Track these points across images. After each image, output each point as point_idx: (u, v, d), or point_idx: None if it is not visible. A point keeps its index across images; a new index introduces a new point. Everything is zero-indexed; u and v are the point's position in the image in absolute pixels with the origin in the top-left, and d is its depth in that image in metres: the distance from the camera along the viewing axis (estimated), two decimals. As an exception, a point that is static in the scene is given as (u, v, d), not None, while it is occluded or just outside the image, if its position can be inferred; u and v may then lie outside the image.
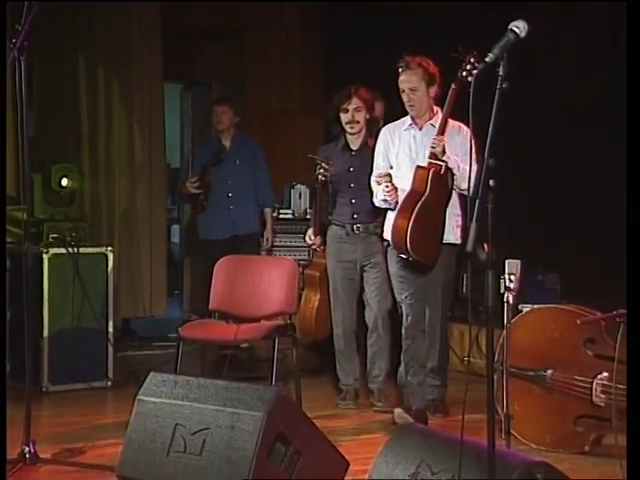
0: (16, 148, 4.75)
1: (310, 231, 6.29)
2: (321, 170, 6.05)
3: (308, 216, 8.39)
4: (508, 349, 4.80)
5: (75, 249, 6.56)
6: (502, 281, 4.53)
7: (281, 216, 8.05)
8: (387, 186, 5.48)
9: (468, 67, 5.31)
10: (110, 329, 6.63)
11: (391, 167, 5.65)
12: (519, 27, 3.19)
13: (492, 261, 3.09)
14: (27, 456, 4.65)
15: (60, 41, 7.83)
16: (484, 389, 3.11)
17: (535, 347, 5.16)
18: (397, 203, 5.47)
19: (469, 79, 5.24)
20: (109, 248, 6.73)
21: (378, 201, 5.62)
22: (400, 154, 5.62)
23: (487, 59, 3.11)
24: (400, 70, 5.53)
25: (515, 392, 4.87)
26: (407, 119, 5.64)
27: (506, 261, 4.62)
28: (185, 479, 4.02)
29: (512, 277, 4.62)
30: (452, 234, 5.55)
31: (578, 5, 6.93)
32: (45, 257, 6.40)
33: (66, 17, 7.78)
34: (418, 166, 5.41)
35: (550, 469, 3.39)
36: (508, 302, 4.62)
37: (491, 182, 3.07)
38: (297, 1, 9.23)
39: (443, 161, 5.34)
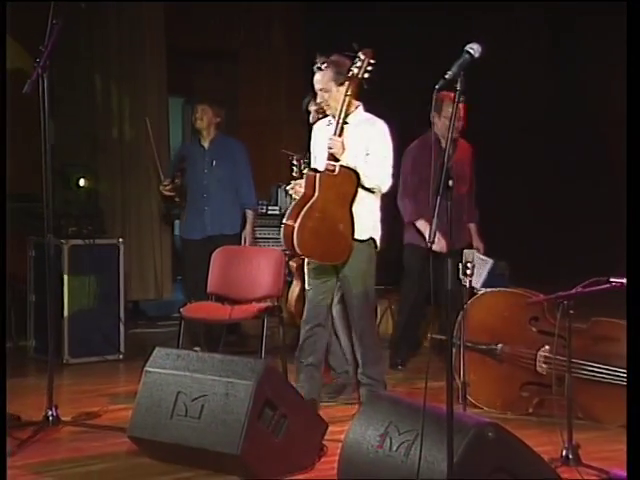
0: (40, 153, 4.72)
1: None
2: (292, 166, 5.90)
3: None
4: (465, 326, 4.81)
5: (91, 240, 6.56)
6: (460, 268, 4.54)
7: (269, 212, 8.00)
8: (291, 182, 5.03)
9: (358, 64, 4.79)
10: (121, 310, 6.61)
11: None
12: (473, 49, 3.18)
13: (451, 251, 3.10)
14: (50, 419, 4.65)
15: (78, 61, 7.79)
16: (444, 361, 3.12)
17: (488, 324, 5.17)
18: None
19: (365, 76, 4.80)
20: (120, 240, 6.71)
21: None
22: (318, 149, 5.08)
23: (446, 76, 3.10)
24: (314, 70, 4.97)
25: (470, 363, 4.89)
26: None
27: (464, 251, 4.62)
28: (186, 439, 4.02)
29: (468, 265, 4.62)
30: (364, 231, 4.91)
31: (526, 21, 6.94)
32: (65, 247, 6.38)
33: (84, 40, 7.74)
34: (309, 169, 4.94)
35: (499, 428, 3.41)
36: (465, 286, 4.63)
37: (450, 183, 3.07)
38: (281, 1, 9.11)
39: (338, 160, 4.79)
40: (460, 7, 7.37)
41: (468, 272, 4.64)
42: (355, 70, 4.79)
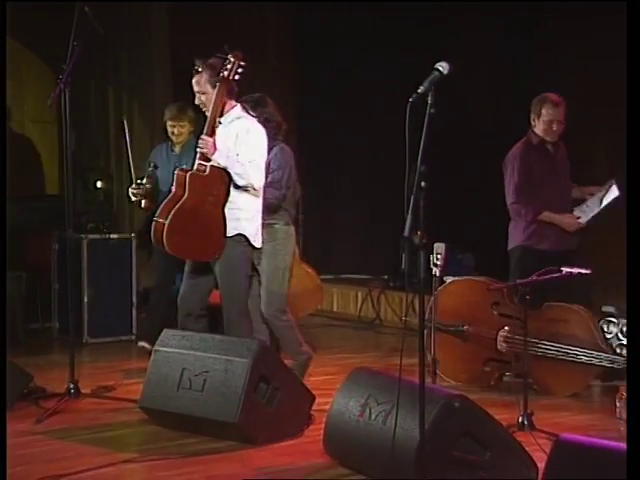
0: (61, 159, 4.71)
1: None
2: None
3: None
4: (435, 310, 4.82)
5: (107, 235, 6.56)
6: (431, 259, 4.54)
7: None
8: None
9: (229, 66, 4.38)
10: (134, 296, 6.60)
11: None
12: (443, 66, 3.15)
13: (423, 244, 3.10)
14: (71, 391, 4.65)
15: (95, 77, 7.77)
16: (417, 340, 3.12)
17: (455, 308, 5.18)
18: None
19: (236, 77, 4.41)
20: (132, 235, 6.70)
21: None
22: None
23: (419, 90, 3.08)
24: (193, 74, 4.56)
25: (440, 342, 4.90)
26: None
27: (434, 244, 4.63)
28: (190, 409, 4.03)
29: (438, 256, 4.62)
30: (232, 228, 4.45)
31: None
32: (84, 241, 6.37)
33: (97, 60, 7.71)
34: (180, 169, 4.48)
35: (465, 399, 3.43)
36: (435, 275, 4.63)
37: (423, 184, 3.06)
38: (269, 1, 9.03)
39: (209, 160, 4.37)
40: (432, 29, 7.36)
41: (438, 263, 4.65)
42: (225, 72, 4.39)
